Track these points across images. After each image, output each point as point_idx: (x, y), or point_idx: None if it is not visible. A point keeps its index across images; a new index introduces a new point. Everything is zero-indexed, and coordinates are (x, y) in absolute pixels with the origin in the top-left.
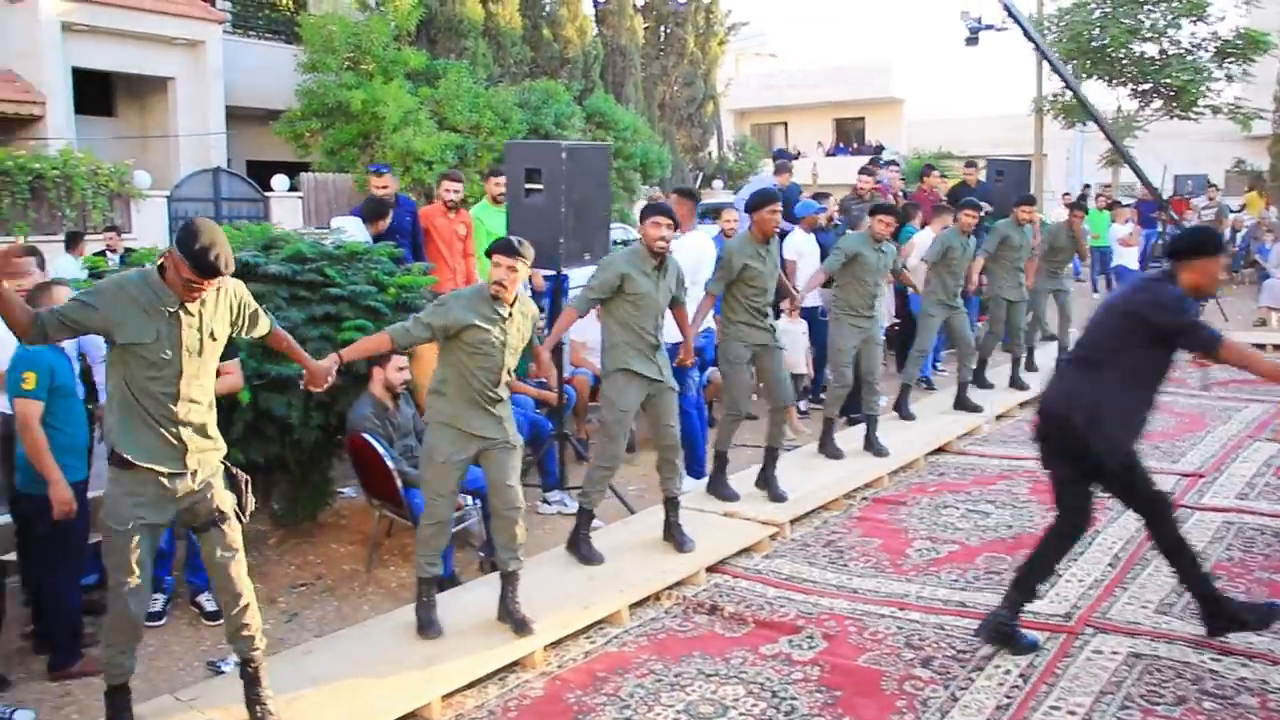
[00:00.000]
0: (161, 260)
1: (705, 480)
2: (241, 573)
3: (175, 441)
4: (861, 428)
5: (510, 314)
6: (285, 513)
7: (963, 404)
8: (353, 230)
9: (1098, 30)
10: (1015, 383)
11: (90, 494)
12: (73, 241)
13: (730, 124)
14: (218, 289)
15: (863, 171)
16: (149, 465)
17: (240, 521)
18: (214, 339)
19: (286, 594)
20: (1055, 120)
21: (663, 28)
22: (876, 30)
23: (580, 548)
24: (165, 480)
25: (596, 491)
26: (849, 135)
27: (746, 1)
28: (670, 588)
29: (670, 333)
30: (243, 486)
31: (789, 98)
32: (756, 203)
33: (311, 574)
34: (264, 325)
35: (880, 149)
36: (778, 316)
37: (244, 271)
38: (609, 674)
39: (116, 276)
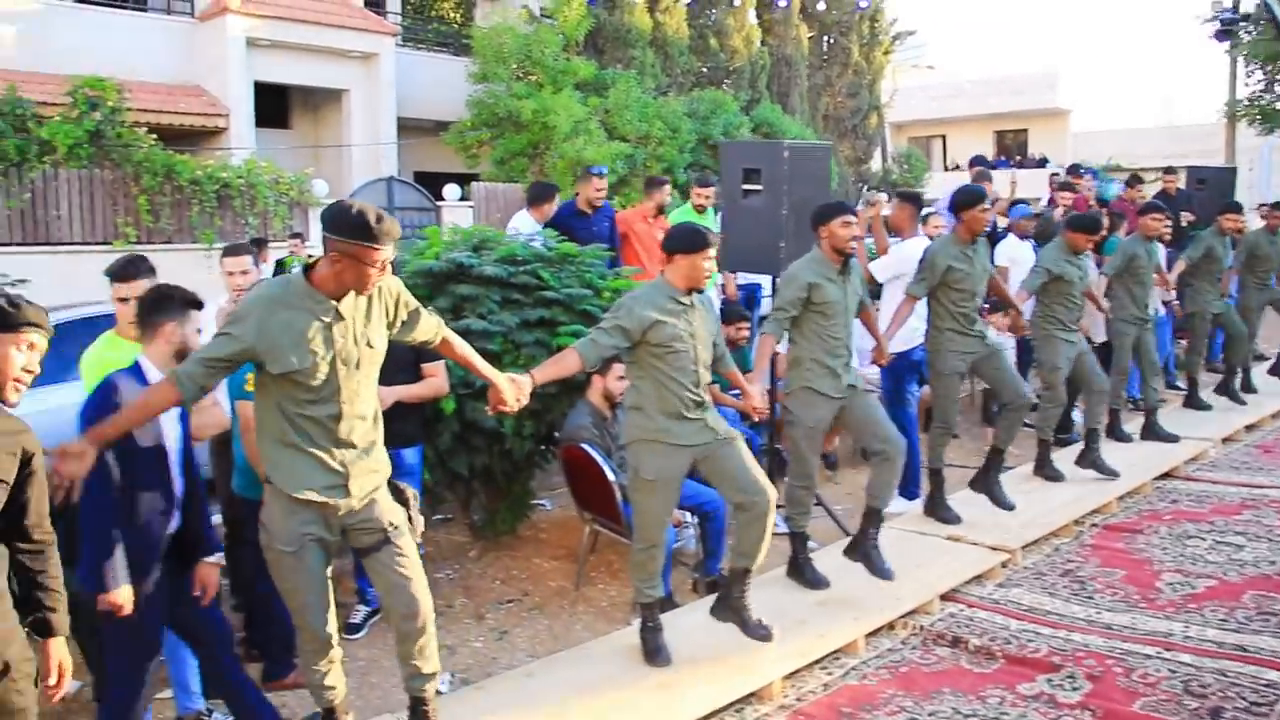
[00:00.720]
0: (309, 262)
1: (918, 501)
2: (424, 589)
3: (337, 468)
4: (1070, 450)
5: (691, 303)
6: (484, 524)
7: (1153, 432)
8: (523, 226)
9: None
10: (1234, 396)
11: None
12: (257, 248)
13: (887, 136)
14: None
15: (1063, 187)
16: (306, 498)
17: (415, 534)
18: (371, 347)
19: (494, 610)
20: (1250, 127)
21: (826, 37)
22: (1039, 39)
23: (804, 571)
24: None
25: (799, 512)
26: (1010, 148)
27: (903, 12)
28: (905, 616)
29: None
30: (410, 502)
31: (948, 109)
32: (965, 201)
33: (517, 590)
34: (429, 327)
35: (1044, 161)
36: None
37: (456, 273)
38: (855, 710)
39: (256, 293)
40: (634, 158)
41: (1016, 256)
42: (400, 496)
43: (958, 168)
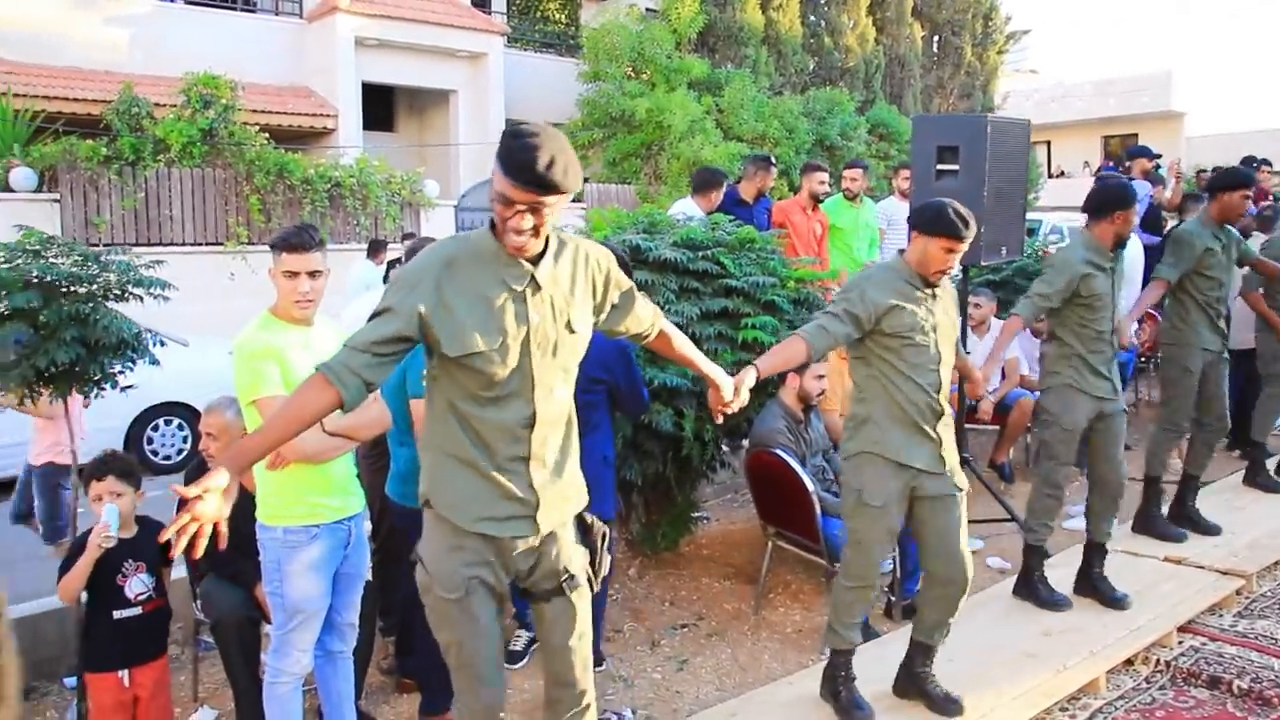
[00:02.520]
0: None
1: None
2: (587, 660)
3: (524, 491)
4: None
5: (935, 291)
6: (644, 539)
7: None
8: (686, 211)
9: None
10: None
11: None
12: (375, 249)
13: None
14: (573, 255)
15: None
16: (477, 530)
17: (592, 587)
18: (573, 332)
19: (668, 636)
20: None
21: (937, 36)
22: (1147, 41)
23: (1038, 590)
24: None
25: (1042, 524)
26: (1118, 153)
27: (1011, 18)
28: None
29: None
30: (598, 541)
31: (1053, 114)
32: (1225, 183)
33: (690, 613)
34: (644, 316)
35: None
36: None
37: (629, 257)
38: None
39: (427, 252)
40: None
41: None
42: (587, 534)
43: (1063, 174)
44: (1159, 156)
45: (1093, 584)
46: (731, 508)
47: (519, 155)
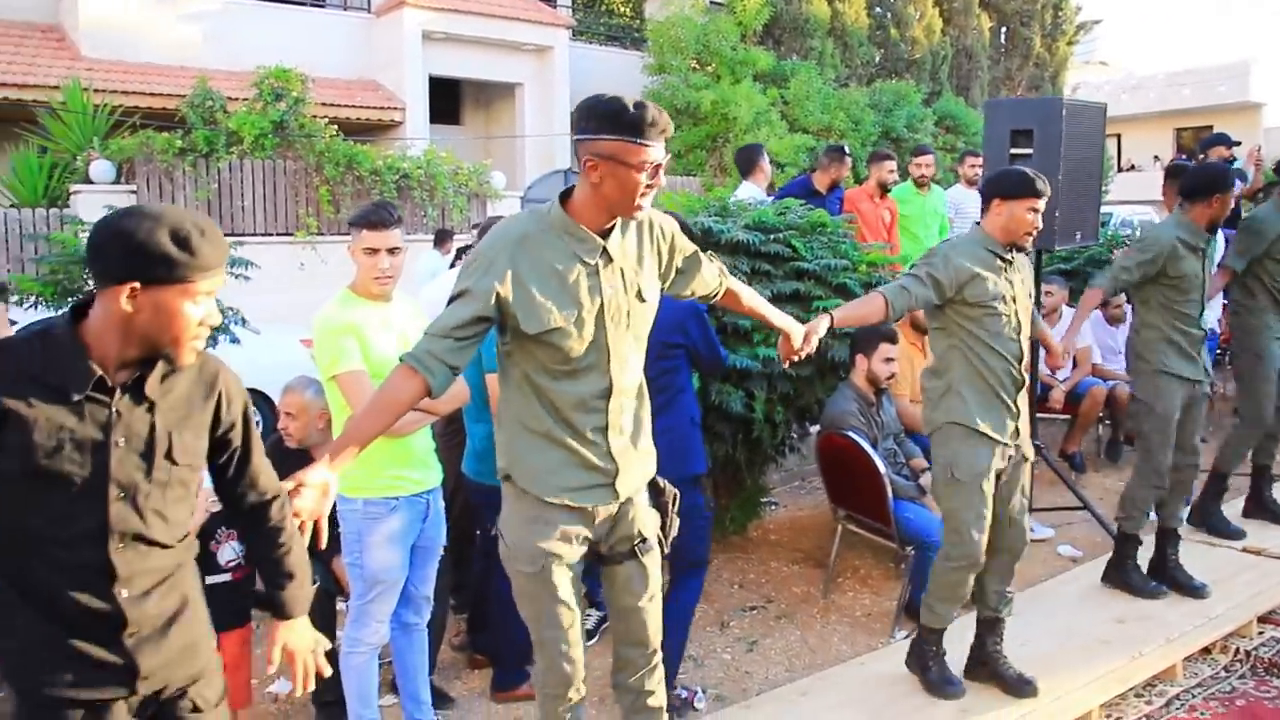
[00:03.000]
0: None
1: None
2: (657, 619)
3: (601, 463)
4: None
5: (1012, 260)
6: (713, 522)
7: None
8: (751, 194)
9: None
10: None
11: None
12: (441, 239)
13: None
14: (639, 228)
15: None
16: (560, 501)
17: (663, 550)
18: (643, 301)
19: (738, 618)
20: None
21: (1005, 27)
22: (1220, 33)
23: (1131, 578)
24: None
25: (1137, 511)
26: (1190, 147)
27: (1081, 8)
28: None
29: None
30: (670, 503)
31: (1123, 107)
32: None
33: (758, 595)
34: (710, 277)
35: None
36: None
37: (702, 240)
38: None
39: (499, 230)
40: (817, 150)
41: None
42: (659, 496)
43: (1134, 168)
44: (1237, 144)
45: (1169, 573)
46: (799, 495)
47: (633, 113)
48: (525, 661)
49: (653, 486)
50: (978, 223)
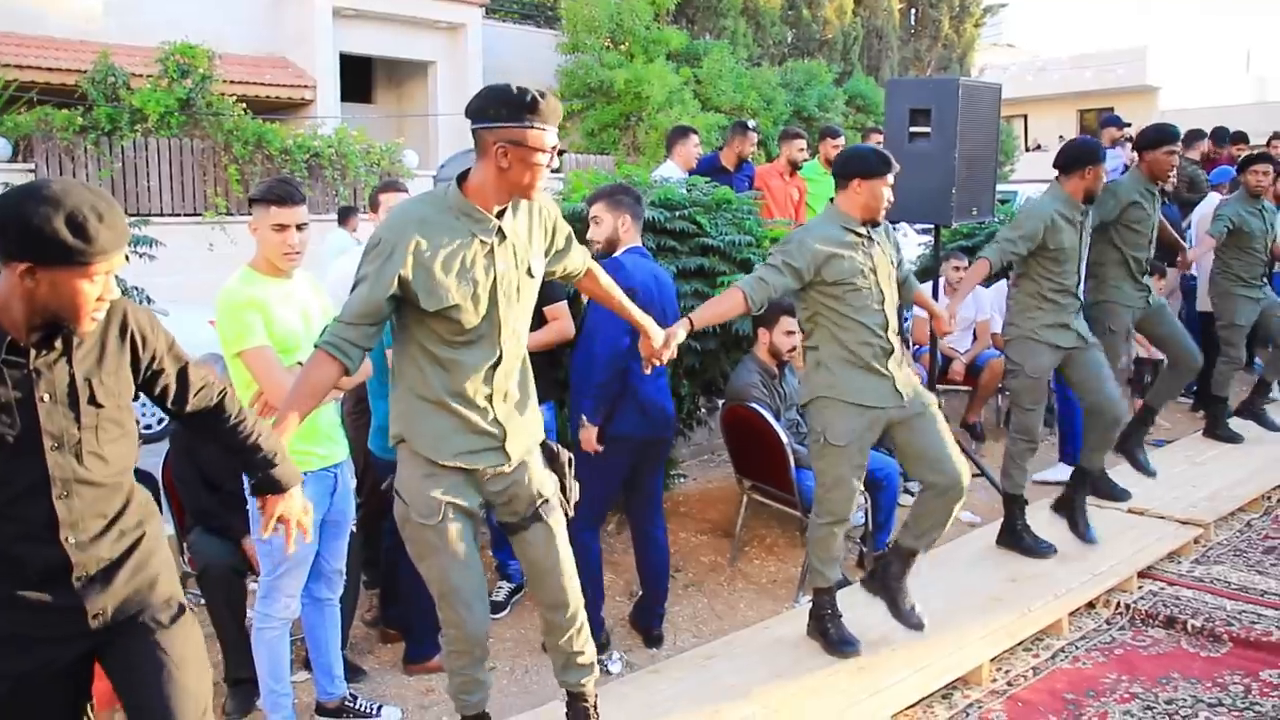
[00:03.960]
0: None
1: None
2: (572, 578)
3: (490, 428)
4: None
5: (869, 234)
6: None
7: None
8: (669, 174)
9: None
10: None
11: None
12: (345, 216)
13: None
14: (529, 208)
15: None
16: (453, 464)
17: (565, 511)
18: (531, 276)
19: None
20: None
21: (914, 9)
22: (1122, 15)
23: (1022, 539)
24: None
25: (1018, 470)
26: (1093, 127)
27: None
28: (1101, 594)
29: None
30: (565, 466)
31: (1029, 88)
32: (1152, 140)
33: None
34: (578, 258)
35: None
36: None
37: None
38: (1079, 695)
39: (399, 212)
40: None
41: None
42: (554, 460)
43: (1039, 148)
44: (1128, 125)
45: (1072, 512)
46: (709, 467)
47: (538, 101)
48: (436, 634)
49: (546, 450)
50: (832, 199)
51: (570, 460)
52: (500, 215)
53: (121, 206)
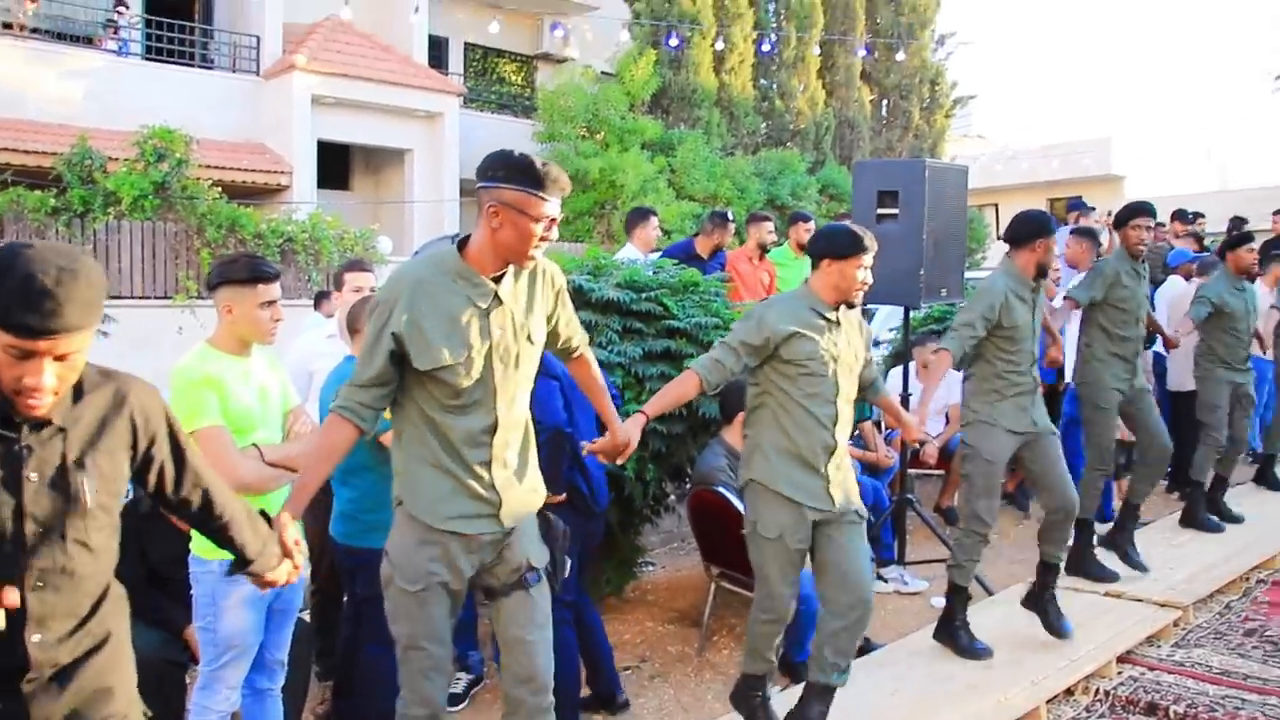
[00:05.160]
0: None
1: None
2: (548, 656)
3: (486, 493)
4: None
5: (838, 320)
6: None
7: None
8: (627, 255)
9: None
10: None
11: None
12: (320, 300)
13: None
14: (530, 272)
15: (1174, 217)
16: (447, 528)
17: (553, 587)
18: (531, 342)
19: None
20: None
21: (886, 100)
22: (1089, 107)
23: (958, 637)
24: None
25: (969, 561)
26: (1064, 216)
27: (957, 83)
28: (1080, 680)
29: None
30: (559, 539)
31: (999, 178)
32: (1123, 215)
33: (634, 655)
34: (577, 336)
35: (1091, 210)
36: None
37: (573, 297)
38: None
39: (398, 274)
40: (702, 217)
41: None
42: (549, 532)
43: None
44: (1092, 209)
45: (1043, 605)
46: (679, 556)
47: (539, 169)
48: None
49: (543, 521)
50: (806, 280)
51: (566, 534)
52: (499, 280)
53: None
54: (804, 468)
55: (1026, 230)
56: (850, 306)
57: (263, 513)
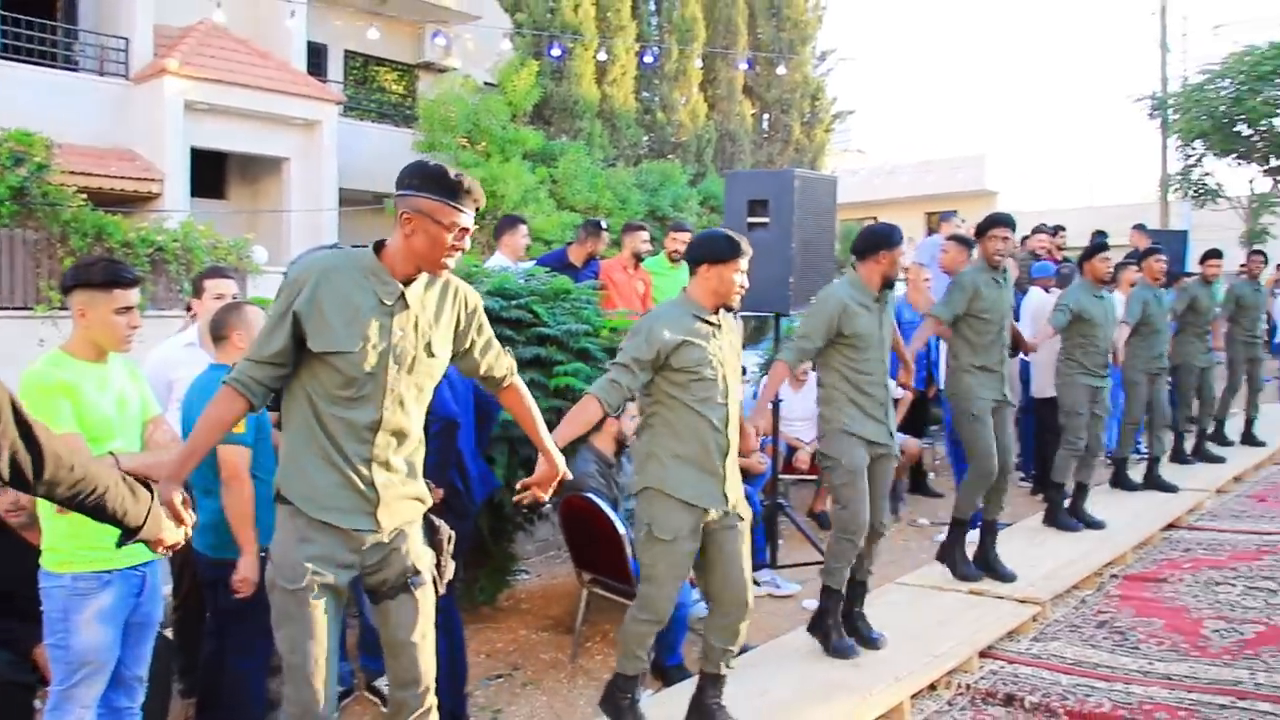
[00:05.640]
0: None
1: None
2: (430, 659)
3: (365, 488)
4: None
5: (720, 323)
6: (461, 595)
7: (1153, 481)
8: (498, 263)
9: (1228, 105)
10: (1205, 455)
11: None
12: (189, 310)
13: None
14: (443, 287)
15: (1037, 230)
16: (323, 519)
17: (437, 590)
18: (431, 355)
19: (483, 687)
20: (1183, 201)
21: (767, 114)
22: (965, 124)
23: (829, 636)
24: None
25: (839, 566)
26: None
27: (837, 99)
28: (942, 675)
29: None
30: (444, 543)
31: (879, 192)
32: (981, 226)
33: (506, 664)
34: (501, 364)
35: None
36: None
37: None
38: None
39: (311, 258)
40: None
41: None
42: (433, 536)
43: None
44: (963, 221)
45: (852, 622)
46: (554, 564)
47: (453, 180)
48: None
49: (428, 525)
50: (684, 288)
51: (451, 538)
52: (408, 284)
53: None
54: (700, 470)
55: (871, 243)
56: (729, 310)
57: (144, 482)
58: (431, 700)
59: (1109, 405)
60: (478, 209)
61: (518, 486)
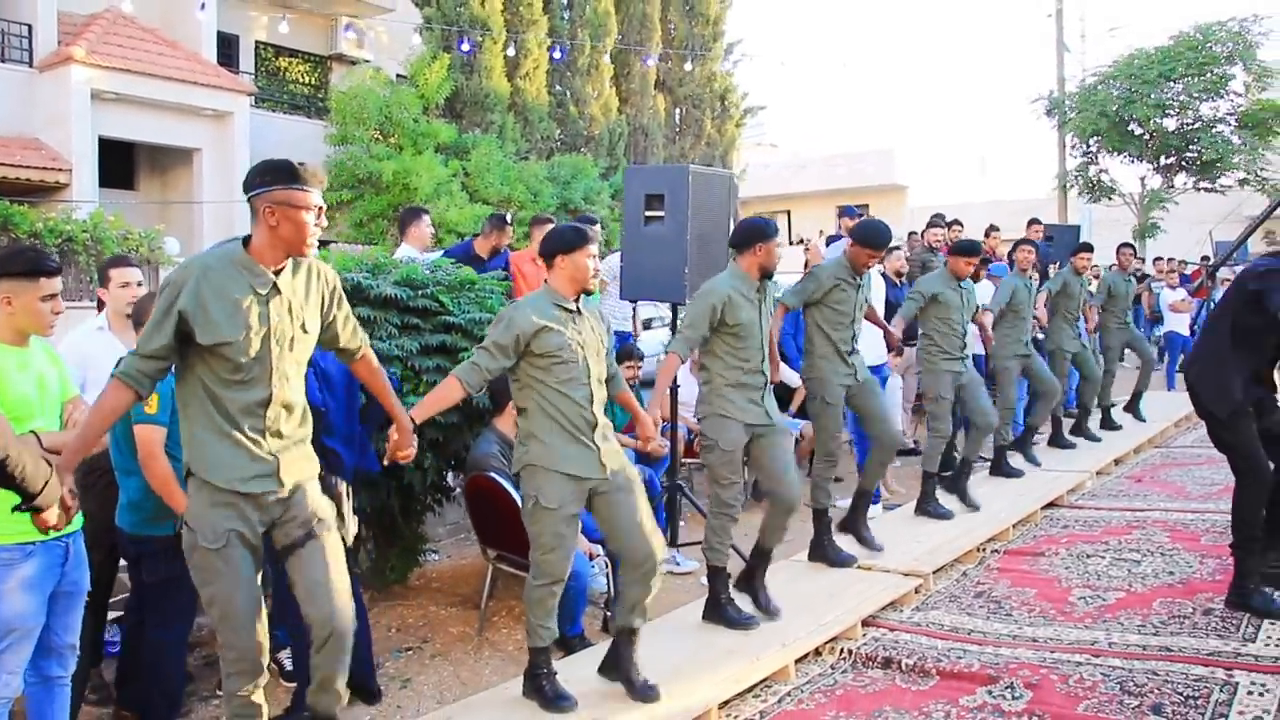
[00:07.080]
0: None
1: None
2: (344, 604)
3: (265, 456)
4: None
5: (579, 309)
6: (373, 573)
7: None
8: (405, 254)
9: (1120, 105)
10: (1088, 435)
11: None
12: (102, 304)
13: (738, 210)
14: (307, 271)
15: (931, 225)
16: (231, 488)
17: (343, 537)
18: (306, 332)
19: (393, 659)
20: (1079, 197)
21: (679, 109)
22: (875, 119)
23: (726, 613)
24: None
25: (720, 543)
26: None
27: (748, 94)
28: (828, 642)
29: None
30: (341, 498)
31: (791, 185)
32: (858, 237)
33: (416, 637)
34: (356, 336)
35: (858, 215)
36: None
37: (352, 294)
38: None
39: (187, 261)
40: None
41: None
42: (331, 491)
43: (803, 241)
44: (860, 215)
45: (754, 590)
46: (465, 545)
47: (297, 168)
48: (175, 709)
49: (323, 482)
50: (545, 280)
51: (348, 492)
52: (279, 274)
53: None
54: (575, 444)
55: (747, 236)
56: (588, 294)
57: (45, 459)
58: (348, 642)
59: (980, 379)
60: (322, 187)
61: (384, 463)
